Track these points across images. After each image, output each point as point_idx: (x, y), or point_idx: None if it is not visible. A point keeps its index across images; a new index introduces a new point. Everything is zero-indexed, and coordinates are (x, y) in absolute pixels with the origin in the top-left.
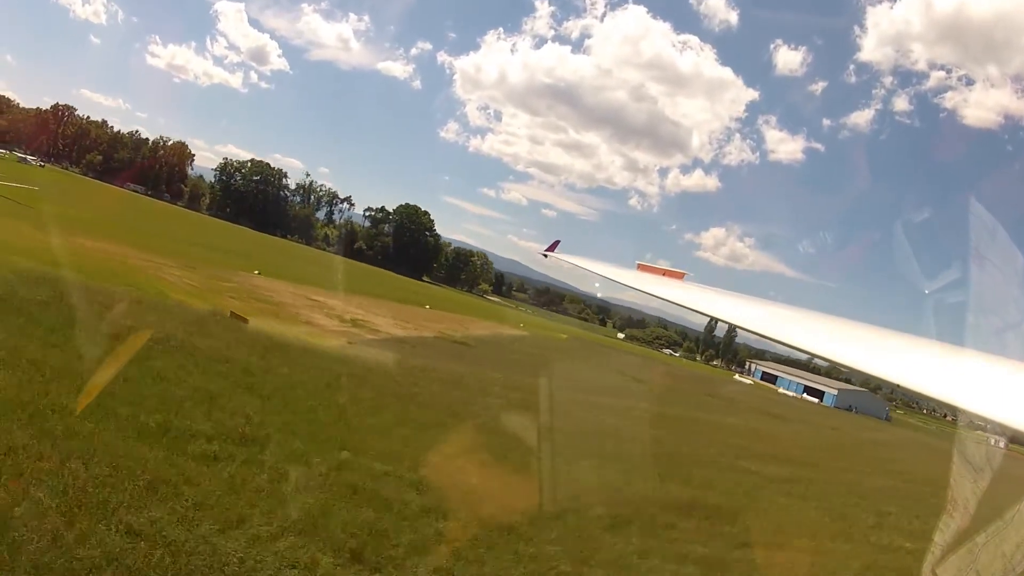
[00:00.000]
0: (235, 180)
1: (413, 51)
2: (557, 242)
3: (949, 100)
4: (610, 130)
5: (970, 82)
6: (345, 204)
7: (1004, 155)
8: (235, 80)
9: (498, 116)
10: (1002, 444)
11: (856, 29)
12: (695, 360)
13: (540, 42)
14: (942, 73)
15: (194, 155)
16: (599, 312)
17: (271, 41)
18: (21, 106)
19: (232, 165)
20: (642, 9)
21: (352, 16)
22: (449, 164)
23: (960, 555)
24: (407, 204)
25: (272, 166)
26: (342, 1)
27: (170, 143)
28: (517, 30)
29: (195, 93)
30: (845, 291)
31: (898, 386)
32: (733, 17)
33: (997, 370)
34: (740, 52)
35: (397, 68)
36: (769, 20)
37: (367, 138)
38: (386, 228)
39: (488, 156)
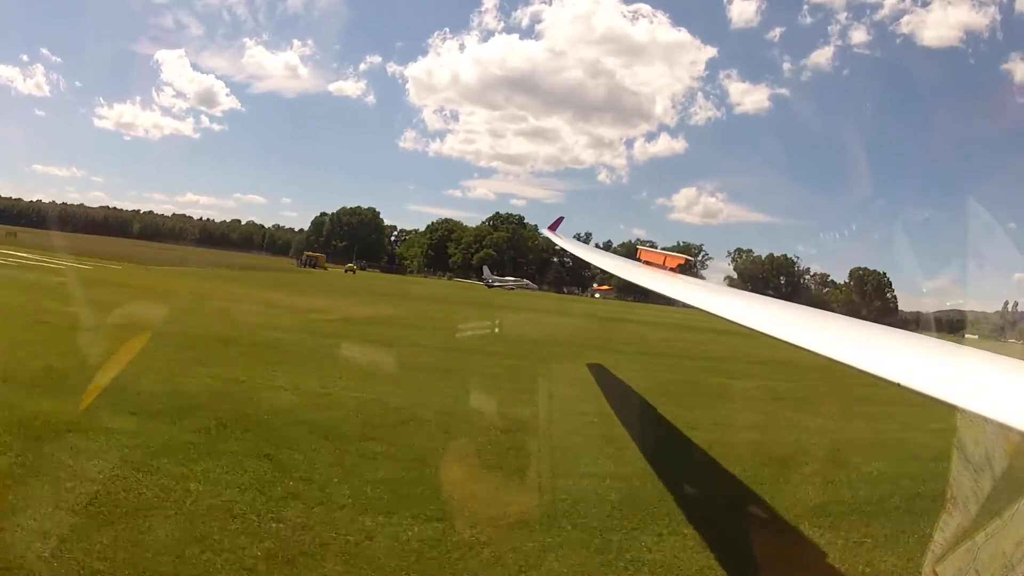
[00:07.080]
0: None
1: (362, 67)
2: (560, 219)
3: (906, 25)
4: (571, 111)
5: (925, 3)
6: None
7: (968, 69)
8: (186, 127)
9: (455, 116)
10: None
11: None
12: None
13: (488, 35)
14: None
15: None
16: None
17: (217, 81)
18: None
19: None
20: None
21: (296, 42)
22: (412, 172)
23: (960, 554)
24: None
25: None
26: (281, 28)
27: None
28: (464, 27)
29: (148, 148)
30: (822, 228)
31: (899, 385)
32: None
33: (997, 370)
34: (693, 11)
35: (349, 87)
36: None
37: (326, 161)
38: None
39: (450, 158)
